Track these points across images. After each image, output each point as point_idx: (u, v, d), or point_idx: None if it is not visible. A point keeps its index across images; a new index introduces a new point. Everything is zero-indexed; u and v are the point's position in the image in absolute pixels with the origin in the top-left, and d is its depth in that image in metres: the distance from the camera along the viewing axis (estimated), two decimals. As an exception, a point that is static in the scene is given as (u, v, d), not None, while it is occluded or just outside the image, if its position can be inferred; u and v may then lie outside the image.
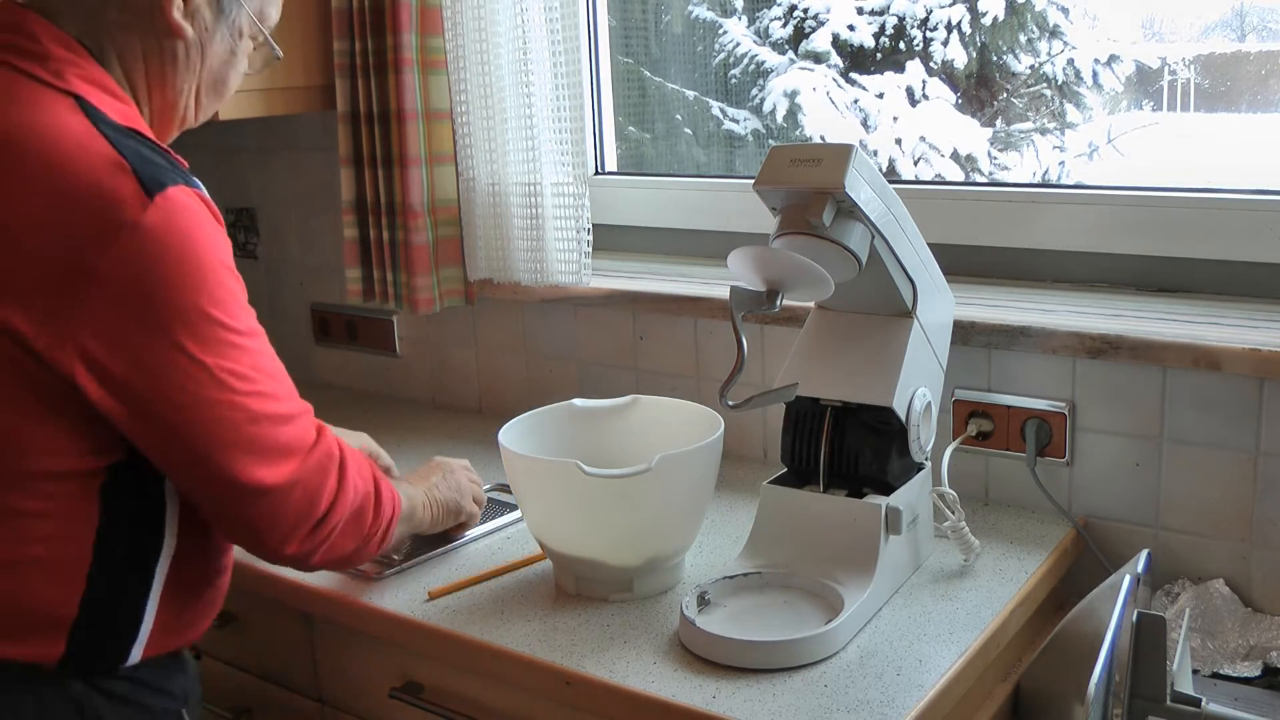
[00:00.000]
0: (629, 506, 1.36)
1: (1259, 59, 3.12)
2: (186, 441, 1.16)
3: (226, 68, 1.32)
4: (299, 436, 1.22)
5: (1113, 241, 1.69)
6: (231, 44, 1.30)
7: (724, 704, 1.19)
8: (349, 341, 2.37)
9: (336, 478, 1.25)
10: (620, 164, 2.26)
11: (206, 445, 1.16)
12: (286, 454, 1.20)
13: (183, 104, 1.29)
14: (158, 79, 1.26)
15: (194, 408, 1.15)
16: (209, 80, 1.30)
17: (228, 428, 1.16)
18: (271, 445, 1.19)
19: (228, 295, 1.17)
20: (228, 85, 1.34)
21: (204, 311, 1.14)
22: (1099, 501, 1.59)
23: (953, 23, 4.08)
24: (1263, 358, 1.41)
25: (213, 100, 1.34)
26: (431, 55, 1.96)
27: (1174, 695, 1.24)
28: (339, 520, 1.26)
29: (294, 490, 1.21)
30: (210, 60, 1.29)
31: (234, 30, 1.29)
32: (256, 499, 1.19)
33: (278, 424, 1.20)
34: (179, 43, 1.25)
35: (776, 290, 1.31)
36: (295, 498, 1.21)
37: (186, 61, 1.27)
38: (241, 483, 1.18)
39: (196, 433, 1.16)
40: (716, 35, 4.30)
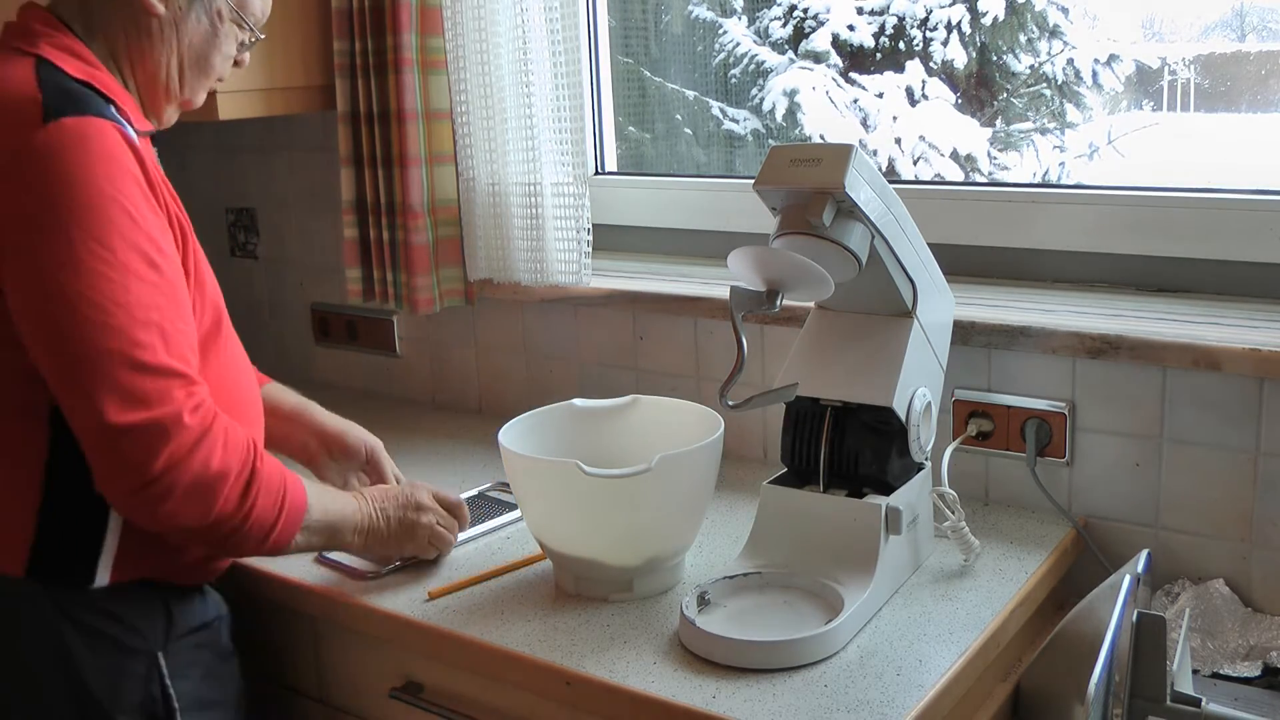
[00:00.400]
0: (629, 506, 1.36)
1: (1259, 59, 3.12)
2: (40, 358, 1.21)
3: (208, 47, 1.41)
4: (140, 385, 1.18)
5: (1113, 241, 1.69)
6: (210, 25, 1.39)
7: (724, 704, 1.19)
8: (349, 341, 2.37)
9: (186, 444, 1.19)
10: (620, 164, 2.26)
11: (47, 364, 1.20)
12: (112, 395, 1.17)
13: (163, 76, 1.39)
14: (137, 53, 1.37)
15: (46, 324, 1.19)
16: (191, 57, 1.40)
17: (63, 350, 1.18)
18: (101, 380, 1.17)
19: (101, 221, 1.19)
20: (211, 64, 1.42)
21: (69, 234, 1.18)
22: (1099, 501, 1.59)
23: (952, 23, 4.08)
24: (1263, 358, 1.41)
25: (198, 77, 1.42)
26: (431, 55, 1.96)
27: (1174, 695, 1.24)
28: (175, 485, 1.19)
29: (121, 437, 1.17)
30: (187, 37, 1.38)
31: (211, 12, 1.39)
32: (84, 432, 1.20)
33: (117, 363, 1.18)
34: (153, 20, 1.35)
35: (776, 290, 1.31)
36: (123, 445, 1.18)
37: (161, 37, 1.37)
38: (68, 407, 1.20)
39: (41, 350, 1.20)
40: (716, 35, 4.30)
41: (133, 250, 1.20)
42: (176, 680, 1.35)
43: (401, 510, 1.48)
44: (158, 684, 1.34)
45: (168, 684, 1.34)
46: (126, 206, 1.21)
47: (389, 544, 1.48)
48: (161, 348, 1.20)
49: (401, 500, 1.49)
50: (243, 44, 1.45)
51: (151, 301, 1.21)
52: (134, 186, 1.23)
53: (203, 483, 1.21)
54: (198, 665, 1.39)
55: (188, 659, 1.37)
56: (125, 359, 1.18)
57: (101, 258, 1.18)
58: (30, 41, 1.31)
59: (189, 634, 1.38)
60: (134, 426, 1.17)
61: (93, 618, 1.30)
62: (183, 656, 1.36)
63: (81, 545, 1.29)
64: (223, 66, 1.44)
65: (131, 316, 1.19)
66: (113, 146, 1.23)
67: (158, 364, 1.19)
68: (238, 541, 1.28)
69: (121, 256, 1.19)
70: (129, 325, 1.19)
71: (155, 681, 1.34)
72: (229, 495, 1.24)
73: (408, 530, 1.49)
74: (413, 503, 1.50)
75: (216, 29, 1.40)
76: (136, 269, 1.20)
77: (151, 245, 1.23)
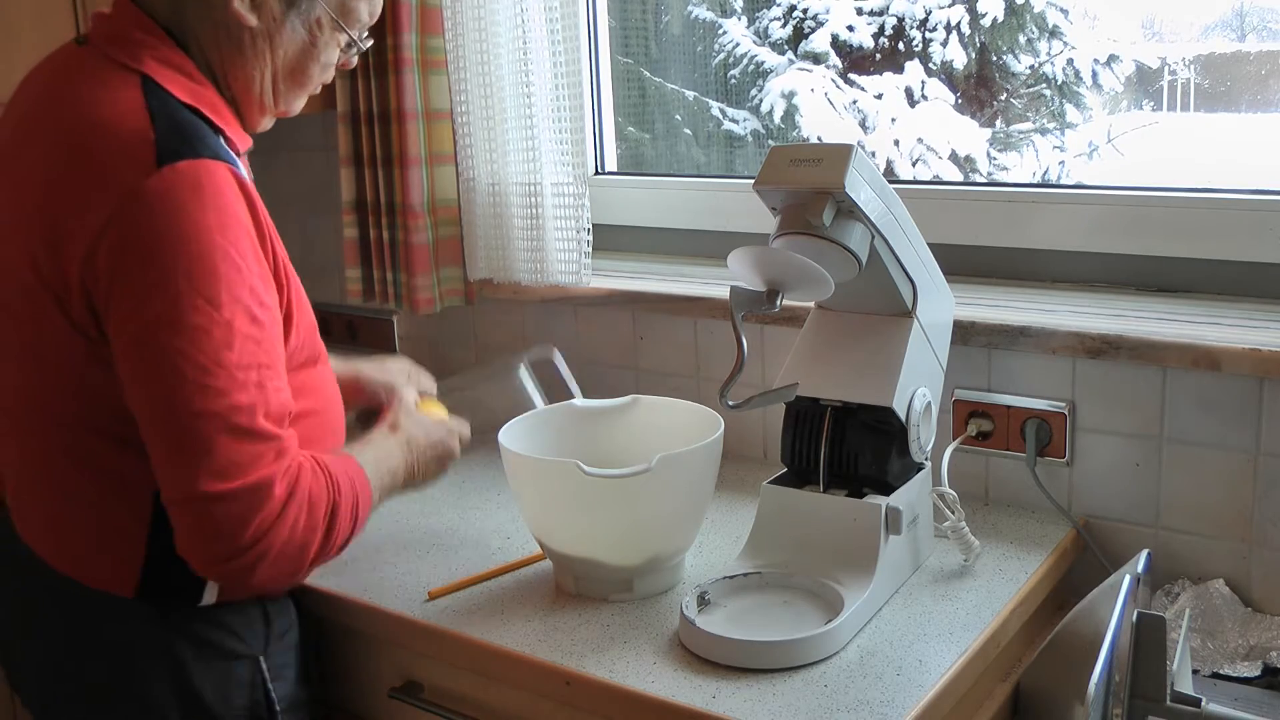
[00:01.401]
0: (629, 506, 1.36)
1: (1259, 59, 3.12)
2: (137, 411, 1.17)
3: (306, 58, 1.34)
4: (236, 451, 1.14)
5: (1113, 241, 1.69)
6: (307, 36, 1.33)
7: (724, 704, 1.19)
8: (349, 341, 2.37)
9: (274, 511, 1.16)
10: (620, 164, 2.26)
11: (144, 419, 1.17)
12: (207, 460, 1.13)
13: (257, 89, 1.33)
14: (231, 65, 1.31)
15: (145, 381, 1.16)
16: (286, 69, 1.33)
17: (161, 409, 1.15)
18: (196, 444, 1.13)
19: (209, 276, 1.14)
20: (308, 75, 1.36)
21: (177, 287, 1.14)
22: (1099, 501, 1.59)
23: (952, 23, 4.08)
24: (1263, 358, 1.41)
25: (294, 89, 1.36)
26: (431, 55, 1.96)
27: (1174, 695, 1.23)
28: (266, 552, 1.17)
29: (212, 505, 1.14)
30: (282, 49, 1.31)
31: (309, 23, 1.32)
32: (173, 499, 1.16)
33: (215, 427, 1.13)
34: (245, 31, 1.29)
35: (776, 290, 1.31)
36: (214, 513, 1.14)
37: (254, 49, 1.30)
38: (159, 468, 1.17)
39: (138, 404, 1.17)
40: (716, 35, 4.30)
41: (237, 305, 1.16)
42: (275, 682, 1.36)
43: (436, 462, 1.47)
44: (261, 688, 1.34)
45: (270, 686, 1.35)
46: (234, 258, 1.16)
47: (428, 473, 1.46)
48: (260, 409, 1.16)
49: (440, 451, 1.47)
50: (346, 48, 1.39)
51: (253, 360, 1.16)
52: (244, 236, 1.18)
53: (292, 545, 1.19)
54: (291, 666, 1.39)
55: (283, 660, 1.38)
56: (224, 423, 1.13)
57: (207, 314, 1.14)
58: (133, 54, 1.25)
59: (283, 636, 1.38)
60: (225, 495, 1.13)
61: (201, 627, 1.30)
62: (278, 659, 1.37)
63: (189, 571, 1.25)
64: (322, 75, 1.38)
65: (232, 378, 1.14)
66: (226, 193, 1.18)
67: (255, 428, 1.15)
68: (325, 561, 1.28)
69: (226, 314, 1.14)
70: (229, 387, 1.14)
71: (259, 686, 1.34)
72: (318, 547, 1.23)
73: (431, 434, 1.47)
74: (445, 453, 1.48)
75: (315, 38, 1.33)
76: (240, 325, 1.16)
77: (254, 299, 1.18)
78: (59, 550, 1.30)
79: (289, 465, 1.18)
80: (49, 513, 1.31)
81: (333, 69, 1.39)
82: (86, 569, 1.29)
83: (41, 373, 1.25)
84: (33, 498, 1.32)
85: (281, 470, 1.17)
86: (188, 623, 1.30)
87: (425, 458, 1.45)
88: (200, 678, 1.30)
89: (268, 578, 1.20)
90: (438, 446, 1.46)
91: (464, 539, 1.61)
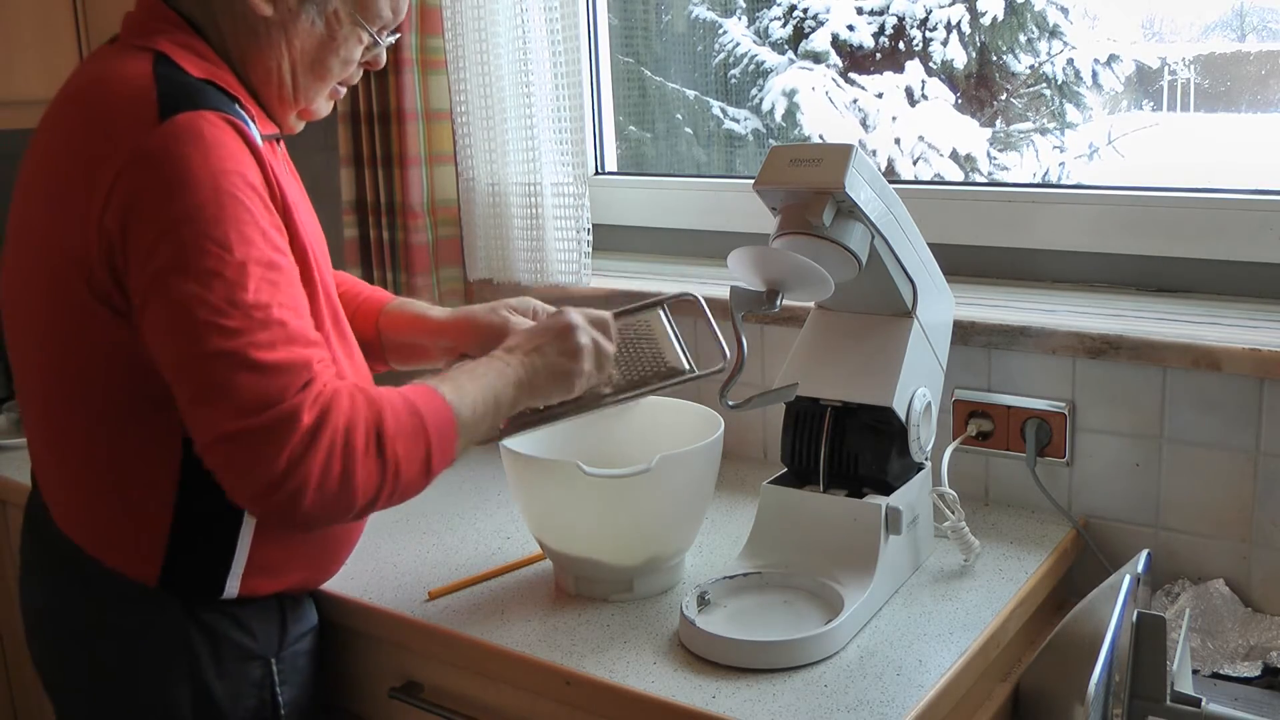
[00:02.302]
0: (629, 506, 1.36)
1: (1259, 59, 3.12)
2: (163, 367, 1.16)
3: (324, 51, 1.33)
4: (256, 387, 1.11)
5: (1113, 241, 1.69)
6: (325, 29, 1.31)
7: (724, 704, 1.19)
8: (349, 341, 2.37)
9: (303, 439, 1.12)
10: (620, 164, 2.26)
11: (169, 372, 1.16)
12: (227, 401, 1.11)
13: (275, 81, 1.32)
14: (249, 55, 1.30)
15: (165, 334, 1.15)
16: (304, 62, 1.32)
17: (185, 359, 1.13)
18: (216, 386, 1.11)
19: (217, 219, 1.14)
20: (327, 69, 1.34)
21: (184, 234, 1.13)
22: (1099, 501, 1.59)
23: (952, 23, 4.09)
24: (1263, 358, 1.41)
25: (313, 82, 1.34)
26: (431, 55, 1.96)
27: (1174, 695, 1.24)
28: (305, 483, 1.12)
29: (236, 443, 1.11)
30: (298, 41, 1.30)
31: (326, 15, 1.31)
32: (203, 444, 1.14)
33: (233, 366, 1.11)
34: (261, 21, 1.28)
35: (776, 290, 1.31)
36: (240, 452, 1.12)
37: (269, 39, 1.29)
38: (186, 417, 1.15)
39: (165, 358, 1.16)
40: (716, 35, 4.30)
41: (249, 246, 1.14)
42: (283, 687, 1.36)
43: (554, 340, 1.35)
44: (269, 690, 1.34)
45: (278, 691, 1.35)
46: (242, 200, 1.15)
47: (556, 380, 1.34)
48: (282, 344, 1.13)
49: (549, 332, 1.36)
50: (369, 46, 1.36)
51: (270, 298, 1.14)
52: (247, 185, 1.17)
53: (331, 473, 1.13)
54: (300, 672, 1.39)
55: (293, 665, 1.37)
56: (242, 361, 1.11)
57: (217, 256, 1.12)
58: (149, 37, 1.26)
59: (297, 641, 1.38)
60: (249, 430, 1.10)
61: (217, 620, 1.30)
62: (289, 663, 1.37)
63: (213, 561, 1.28)
64: (342, 71, 1.36)
65: (249, 317, 1.12)
66: (228, 142, 1.17)
67: (276, 363, 1.12)
68: (402, 494, 1.21)
69: (238, 255, 1.13)
70: (246, 326, 1.12)
71: (268, 688, 1.34)
72: (370, 474, 1.16)
73: (571, 355, 1.34)
74: (560, 327, 1.36)
75: (334, 32, 1.32)
76: (253, 267, 1.14)
77: (267, 242, 1.16)
78: (86, 534, 1.30)
79: (319, 393, 1.14)
80: (76, 496, 1.31)
81: (355, 65, 1.37)
82: (112, 553, 1.29)
83: (65, 354, 1.25)
84: (61, 480, 1.33)
85: (309, 400, 1.13)
86: (207, 616, 1.30)
87: (541, 375, 1.33)
88: (213, 674, 1.30)
89: (319, 510, 1.14)
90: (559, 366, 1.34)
91: (464, 539, 1.62)
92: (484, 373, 1.31)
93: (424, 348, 1.54)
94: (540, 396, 1.35)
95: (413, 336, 1.54)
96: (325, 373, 1.17)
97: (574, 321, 1.36)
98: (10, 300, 1.33)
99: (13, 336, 1.33)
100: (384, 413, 1.18)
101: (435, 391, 1.24)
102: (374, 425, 1.16)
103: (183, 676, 1.29)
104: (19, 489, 1.90)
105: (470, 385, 1.28)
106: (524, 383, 1.32)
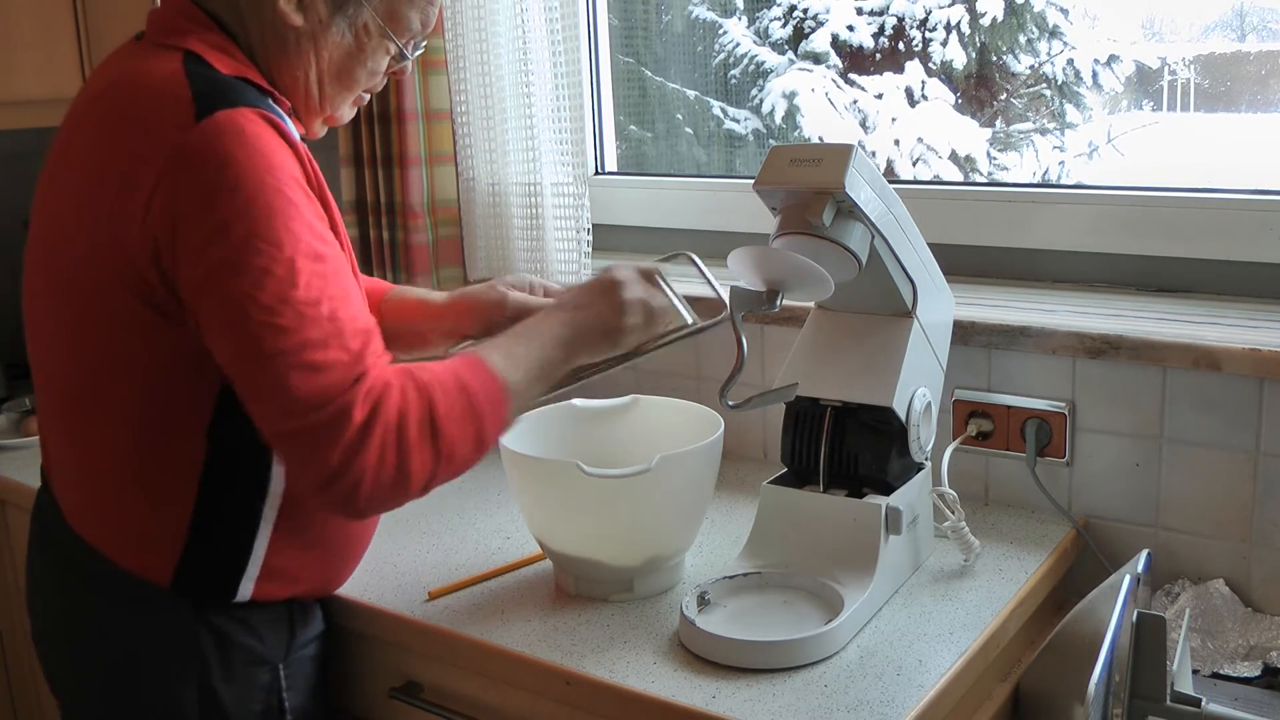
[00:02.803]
0: (629, 506, 1.36)
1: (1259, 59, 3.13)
2: (224, 365, 1.17)
3: (352, 62, 1.33)
4: (309, 385, 1.12)
5: (1113, 241, 1.69)
6: (354, 40, 1.31)
7: (724, 704, 1.19)
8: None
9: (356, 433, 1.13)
10: (621, 164, 2.26)
11: (228, 369, 1.17)
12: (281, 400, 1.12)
13: (302, 89, 1.32)
14: (277, 62, 1.30)
15: (220, 333, 1.15)
16: (331, 71, 1.32)
17: (237, 355, 1.15)
18: (272, 385, 1.13)
19: (264, 217, 1.13)
20: (354, 79, 1.34)
21: (234, 232, 1.13)
22: (1099, 501, 1.59)
23: (952, 23, 4.09)
24: (1263, 358, 1.41)
25: (340, 92, 1.35)
26: (431, 55, 1.96)
27: (1174, 695, 1.24)
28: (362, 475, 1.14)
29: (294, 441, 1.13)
30: (327, 52, 1.31)
31: (355, 27, 1.31)
32: (268, 437, 1.16)
33: (287, 366, 1.12)
34: (290, 30, 1.28)
35: (776, 290, 1.31)
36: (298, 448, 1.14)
37: (298, 49, 1.29)
38: (251, 413, 1.16)
39: (222, 355, 1.16)
40: (716, 35, 4.30)
41: (298, 242, 1.14)
42: (289, 693, 1.35)
43: (600, 296, 1.34)
44: (276, 695, 1.34)
45: (284, 696, 1.35)
46: (288, 195, 1.15)
47: (605, 336, 1.33)
48: (334, 341, 1.14)
49: (596, 288, 1.35)
50: (397, 58, 1.37)
51: (321, 293, 1.14)
52: (291, 179, 1.17)
53: (386, 465, 1.14)
54: (306, 678, 1.39)
55: (299, 671, 1.37)
56: (295, 360, 1.12)
57: (268, 254, 1.12)
58: (178, 37, 1.26)
59: (304, 646, 1.38)
60: (304, 429, 1.12)
61: (226, 624, 1.30)
62: (296, 669, 1.37)
63: (227, 564, 1.28)
64: (368, 81, 1.36)
65: (301, 315, 1.13)
66: (267, 138, 1.17)
67: (328, 361, 1.13)
68: (459, 471, 1.22)
69: (288, 251, 1.13)
70: (298, 325, 1.12)
71: (275, 693, 1.34)
72: (426, 460, 1.17)
73: (616, 310, 1.33)
74: (607, 282, 1.35)
75: (363, 44, 1.32)
76: (303, 262, 1.14)
77: (314, 235, 1.17)
78: (102, 533, 1.30)
79: (370, 388, 1.14)
80: (94, 495, 1.31)
81: (380, 76, 1.38)
82: (127, 553, 1.29)
83: (96, 354, 1.25)
84: (79, 479, 1.32)
85: (361, 395, 1.13)
86: (216, 620, 1.29)
87: (589, 332, 1.32)
88: (220, 678, 1.30)
89: (378, 499, 1.16)
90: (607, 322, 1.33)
91: (464, 539, 1.62)
92: (532, 335, 1.30)
93: (425, 334, 1.54)
94: (589, 354, 1.34)
95: (415, 322, 1.55)
96: (377, 364, 1.17)
97: (620, 277, 1.35)
98: (35, 299, 1.33)
99: (35, 335, 1.33)
100: (435, 398, 1.18)
101: (484, 363, 1.24)
102: (426, 413, 1.17)
103: (190, 680, 1.29)
104: (19, 489, 1.91)
105: (519, 350, 1.28)
106: (572, 341, 1.31)
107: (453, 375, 1.21)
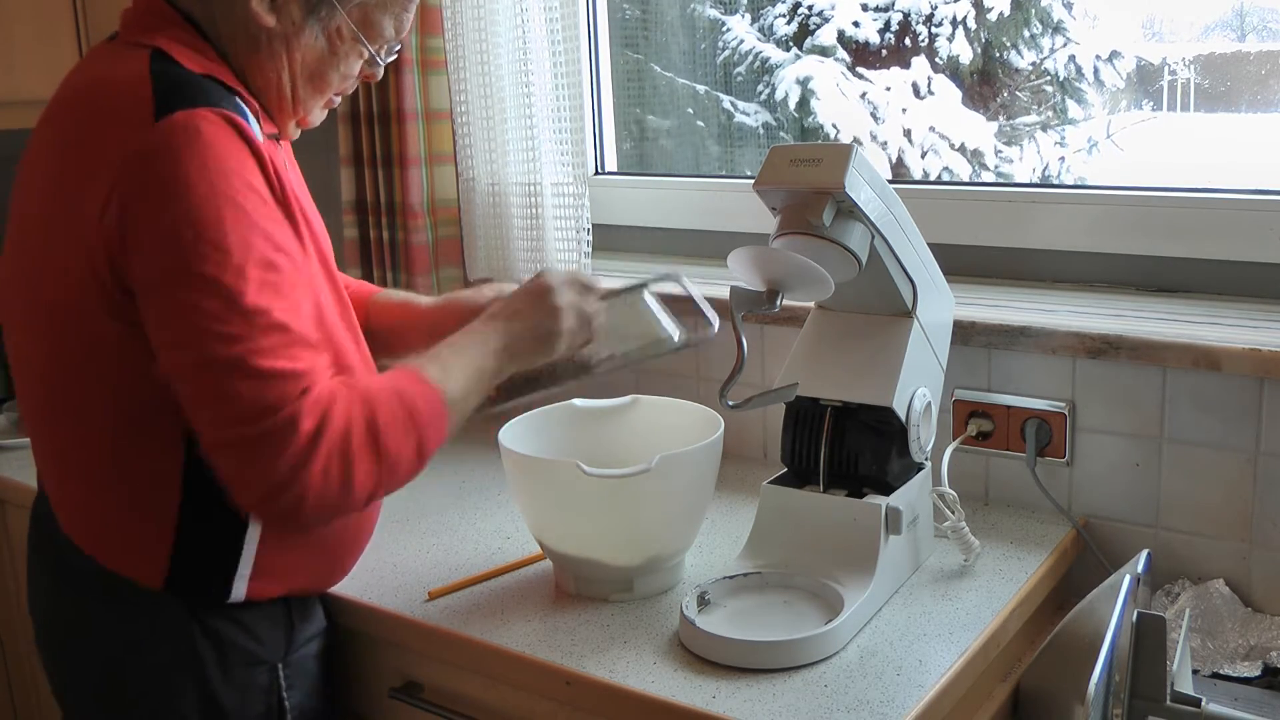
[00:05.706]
0: (629, 506, 1.36)
1: (1259, 59, 3.12)
2: (168, 372, 1.16)
3: (325, 65, 1.32)
4: (256, 394, 1.11)
5: (1113, 241, 1.69)
6: (327, 44, 1.31)
7: (724, 704, 1.19)
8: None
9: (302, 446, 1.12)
10: (633, 159, 2.25)
11: (172, 376, 1.16)
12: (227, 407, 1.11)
13: (274, 90, 1.31)
14: (249, 62, 1.29)
15: (166, 339, 1.15)
16: (305, 73, 1.31)
17: (186, 364, 1.14)
18: (217, 393, 1.11)
19: (214, 223, 1.12)
20: (326, 82, 1.34)
21: (184, 238, 1.12)
22: (1099, 501, 1.59)
23: (957, 18, 4.08)
24: (1263, 358, 1.41)
25: (311, 94, 1.34)
26: (431, 55, 1.96)
27: (1174, 695, 1.24)
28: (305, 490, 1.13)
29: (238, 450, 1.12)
30: (300, 54, 1.30)
31: (329, 31, 1.30)
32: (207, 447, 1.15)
33: (234, 374, 1.11)
34: (263, 31, 1.27)
35: (776, 290, 1.31)
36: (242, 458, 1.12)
37: (270, 49, 1.28)
38: (192, 420, 1.15)
39: (167, 361, 1.16)
40: (720, 33, 4.30)
41: (249, 250, 1.13)
42: (290, 692, 1.35)
43: (533, 302, 1.35)
44: (275, 695, 1.34)
45: (284, 696, 1.35)
46: (240, 202, 1.14)
47: (538, 341, 1.34)
48: (282, 350, 1.13)
49: (528, 295, 1.36)
50: (369, 63, 1.36)
51: (271, 302, 1.13)
52: (246, 185, 1.15)
53: (331, 477, 1.14)
54: (307, 677, 1.39)
55: (300, 670, 1.37)
56: (244, 369, 1.11)
57: (216, 261, 1.11)
58: (147, 34, 1.25)
59: (304, 644, 1.38)
60: (251, 438, 1.11)
61: (223, 625, 1.30)
62: (296, 668, 1.37)
63: (218, 564, 1.27)
64: (340, 84, 1.36)
65: (250, 323, 1.12)
66: (224, 140, 1.15)
67: (276, 370, 1.12)
68: (399, 483, 1.22)
69: (237, 259, 1.12)
70: (247, 332, 1.11)
71: (274, 693, 1.34)
72: (369, 472, 1.17)
73: (550, 314, 1.34)
74: (538, 288, 1.36)
75: (335, 48, 1.31)
76: (253, 270, 1.13)
77: (268, 243, 1.15)
78: (92, 539, 1.30)
79: (316, 398, 1.14)
80: (81, 502, 1.31)
81: (353, 79, 1.37)
82: (118, 558, 1.29)
83: (69, 360, 1.25)
84: (66, 486, 1.33)
85: (308, 406, 1.13)
86: (213, 620, 1.29)
87: (522, 338, 1.33)
88: (219, 681, 1.30)
89: (320, 512, 1.16)
90: (539, 327, 1.34)
91: (464, 539, 1.62)
92: (466, 345, 1.31)
93: (411, 337, 1.52)
94: (525, 360, 1.35)
95: (401, 325, 1.54)
96: (323, 376, 1.17)
97: (550, 282, 1.36)
98: (10, 306, 1.32)
99: (12, 342, 1.33)
100: (378, 409, 1.18)
101: (420, 374, 1.24)
102: (370, 424, 1.17)
103: (189, 684, 1.29)
104: (19, 489, 1.91)
105: (454, 360, 1.28)
106: (506, 349, 1.32)
107: (392, 386, 1.21)
